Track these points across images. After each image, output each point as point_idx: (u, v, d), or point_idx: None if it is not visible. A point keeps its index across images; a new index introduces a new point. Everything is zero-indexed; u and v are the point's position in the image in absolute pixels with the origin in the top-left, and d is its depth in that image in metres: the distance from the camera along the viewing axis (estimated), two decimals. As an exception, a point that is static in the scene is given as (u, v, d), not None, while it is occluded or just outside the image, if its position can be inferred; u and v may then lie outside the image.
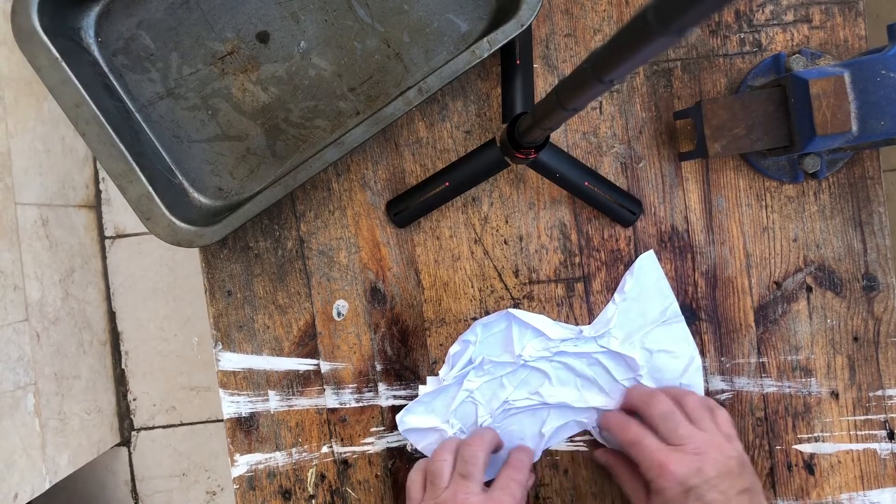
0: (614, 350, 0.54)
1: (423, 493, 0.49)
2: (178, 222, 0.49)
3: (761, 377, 0.56)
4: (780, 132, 0.49)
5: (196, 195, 0.54)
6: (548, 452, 0.56)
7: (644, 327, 0.54)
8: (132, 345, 1.34)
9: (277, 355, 0.56)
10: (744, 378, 0.56)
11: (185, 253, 1.32)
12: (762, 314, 0.56)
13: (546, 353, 0.54)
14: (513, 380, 0.54)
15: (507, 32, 0.49)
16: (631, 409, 0.53)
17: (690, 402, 0.50)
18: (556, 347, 0.54)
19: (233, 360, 0.56)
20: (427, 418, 0.55)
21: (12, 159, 1.05)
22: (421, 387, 0.55)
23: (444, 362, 0.55)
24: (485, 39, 0.49)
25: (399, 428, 0.54)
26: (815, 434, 0.56)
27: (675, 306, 0.55)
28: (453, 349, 0.54)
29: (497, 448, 0.53)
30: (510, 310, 0.54)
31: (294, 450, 0.56)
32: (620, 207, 0.54)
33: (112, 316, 1.34)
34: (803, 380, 0.56)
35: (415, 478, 0.51)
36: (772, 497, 0.56)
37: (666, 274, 0.56)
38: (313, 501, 0.56)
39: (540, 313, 0.55)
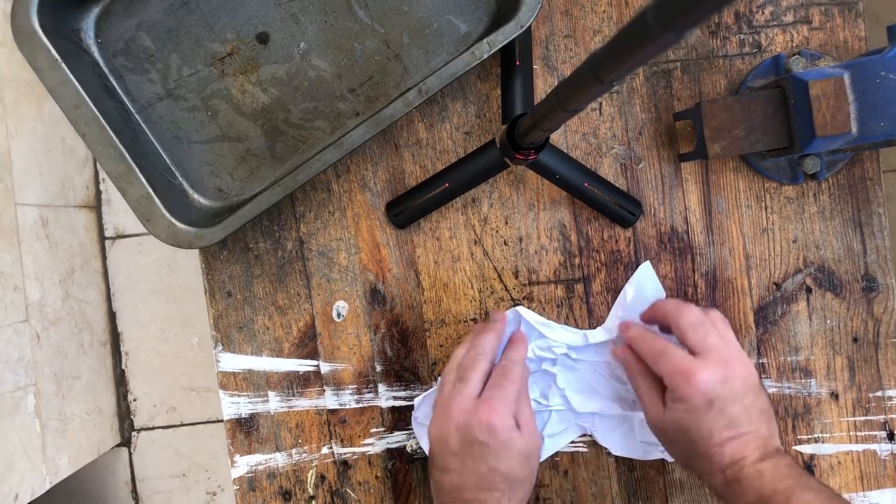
0: (613, 360, 0.54)
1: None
2: (177, 223, 0.49)
3: (761, 378, 0.56)
4: (779, 133, 0.49)
5: (196, 196, 0.54)
6: (548, 453, 0.56)
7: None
8: (132, 345, 1.34)
9: (277, 356, 0.56)
10: (744, 379, 0.56)
11: (185, 254, 1.32)
12: (762, 315, 0.56)
13: (550, 355, 0.54)
14: None
15: (507, 34, 0.49)
16: (649, 322, 0.52)
17: (716, 315, 0.49)
18: (561, 349, 0.54)
19: (233, 361, 0.56)
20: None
21: (12, 160, 1.05)
22: (434, 384, 0.55)
23: (443, 364, 0.55)
24: (484, 41, 0.49)
25: (413, 413, 0.54)
26: (815, 435, 0.56)
27: None
28: None
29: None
30: (519, 308, 0.54)
31: (294, 451, 0.56)
32: (620, 208, 0.54)
33: (112, 316, 1.34)
34: (803, 381, 0.56)
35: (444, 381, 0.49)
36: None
37: (665, 275, 0.56)
38: (313, 502, 0.56)
39: (540, 314, 0.55)
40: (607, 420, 0.55)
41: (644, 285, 0.55)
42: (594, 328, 0.56)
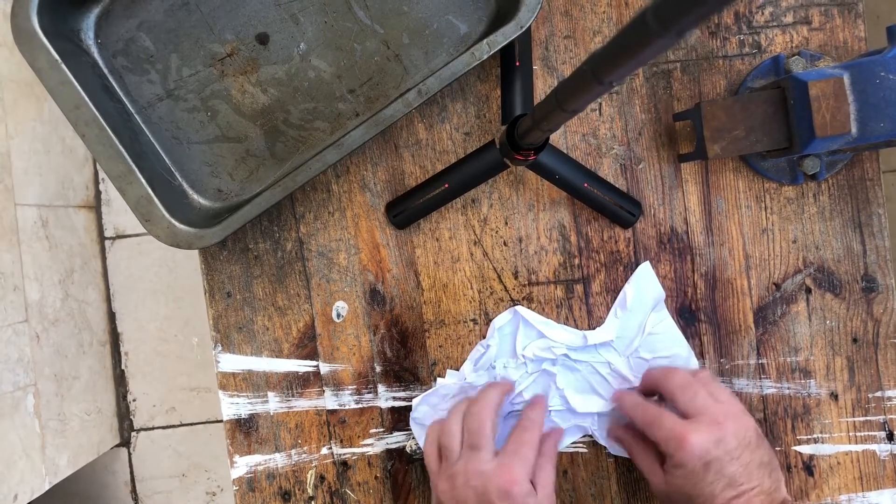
0: (614, 360, 0.54)
1: (440, 465, 0.49)
2: (177, 224, 0.49)
3: (760, 378, 0.56)
4: (779, 134, 0.49)
5: (196, 197, 0.54)
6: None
7: (639, 336, 0.54)
8: (132, 346, 1.34)
9: (277, 357, 0.56)
10: (743, 379, 0.56)
11: (185, 254, 1.32)
12: (761, 315, 0.56)
13: (550, 355, 0.54)
14: (524, 381, 0.54)
15: (507, 34, 0.49)
16: (646, 392, 0.52)
17: (704, 375, 0.49)
18: (560, 350, 0.54)
19: (232, 362, 0.56)
20: (436, 416, 0.55)
21: (12, 160, 1.05)
22: (439, 379, 0.55)
23: (445, 365, 0.56)
24: (484, 41, 0.49)
25: (411, 414, 0.54)
26: (815, 435, 0.56)
27: (667, 313, 0.55)
28: (475, 353, 0.54)
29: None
30: (518, 308, 0.54)
31: (293, 451, 0.56)
32: (620, 209, 0.54)
33: (112, 317, 1.34)
34: (802, 381, 0.56)
35: (430, 451, 0.50)
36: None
37: (665, 275, 0.56)
38: (313, 503, 0.56)
39: (539, 315, 0.55)
40: (606, 419, 0.55)
41: (643, 286, 0.55)
42: (594, 329, 0.56)
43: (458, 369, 0.56)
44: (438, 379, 0.55)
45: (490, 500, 0.45)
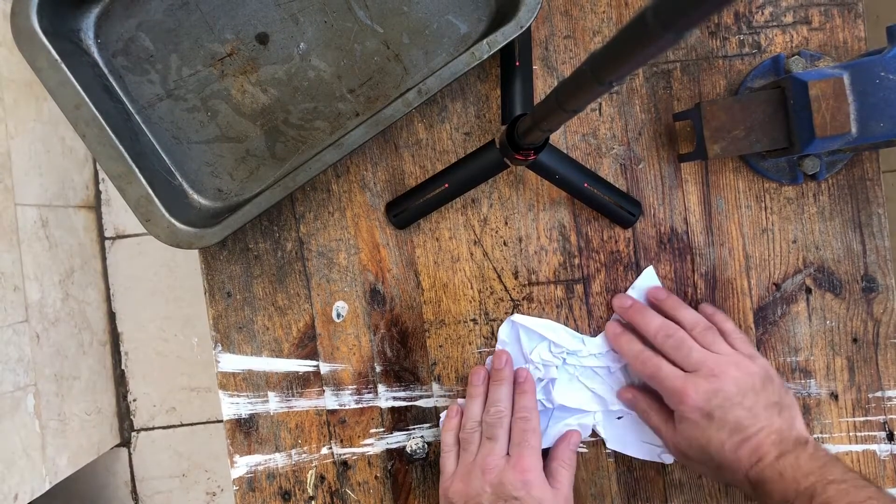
0: (613, 365, 0.54)
1: (457, 463, 0.51)
2: (177, 224, 0.49)
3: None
4: (779, 134, 0.49)
5: (196, 196, 0.54)
6: (547, 454, 0.56)
7: None
8: (132, 345, 1.34)
9: (277, 357, 0.56)
10: (743, 379, 0.56)
11: (185, 254, 1.32)
12: (762, 315, 0.56)
13: (554, 360, 0.54)
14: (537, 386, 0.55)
15: (507, 34, 0.49)
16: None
17: (697, 327, 0.50)
18: (563, 354, 0.54)
19: (232, 362, 0.56)
20: None
21: (12, 160, 1.05)
22: (459, 401, 0.55)
23: (445, 365, 0.56)
24: (484, 41, 0.49)
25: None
26: (815, 435, 0.56)
27: None
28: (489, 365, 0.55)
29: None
30: (514, 317, 0.54)
31: (294, 451, 0.56)
32: (620, 209, 0.54)
33: (112, 317, 1.34)
34: (803, 381, 0.56)
35: (448, 444, 0.52)
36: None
37: (665, 276, 0.56)
38: (313, 503, 0.56)
39: (540, 315, 0.55)
40: (608, 415, 0.55)
41: (647, 291, 0.55)
42: (594, 329, 0.56)
43: (466, 387, 0.56)
44: (459, 400, 0.55)
45: (507, 492, 0.46)
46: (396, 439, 0.56)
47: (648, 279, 0.55)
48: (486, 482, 0.47)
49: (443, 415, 0.54)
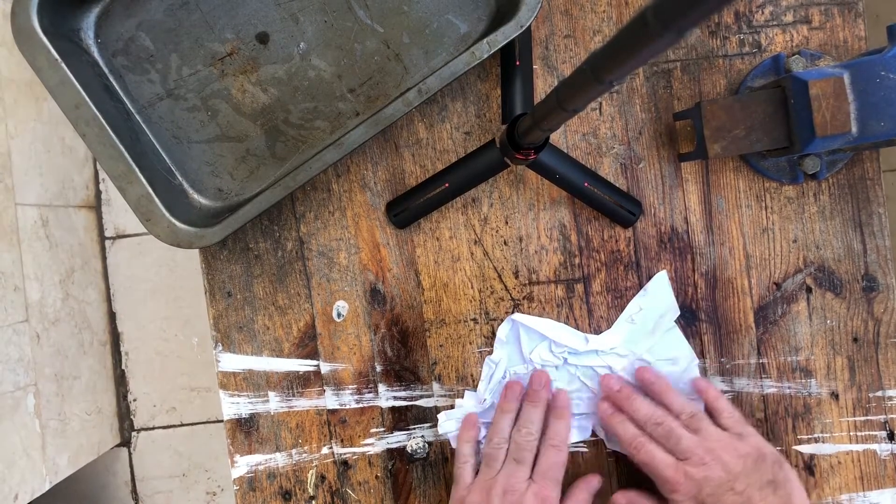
0: (615, 365, 0.54)
1: (475, 476, 0.51)
2: (177, 223, 0.49)
3: (761, 378, 0.56)
4: (779, 133, 0.49)
5: (196, 196, 0.54)
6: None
7: (645, 343, 0.54)
8: (132, 345, 1.34)
9: (277, 356, 0.56)
10: (744, 379, 0.56)
11: (185, 253, 1.32)
12: (762, 315, 0.56)
13: (555, 360, 0.54)
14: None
15: (507, 33, 0.49)
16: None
17: (683, 413, 0.50)
18: (563, 353, 0.54)
19: (233, 361, 0.56)
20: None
21: (12, 160, 1.05)
22: (458, 401, 0.55)
23: (445, 364, 0.56)
24: (484, 40, 0.49)
25: (439, 429, 0.55)
26: (815, 435, 0.56)
27: (674, 325, 0.55)
28: (486, 370, 0.55)
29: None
30: (514, 316, 0.54)
31: (294, 451, 0.56)
32: (620, 208, 0.54)
33: (112, 317, 1.34)
34: (803, 381, 0.56)
35: (464, 454, 0.52)
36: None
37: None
38: (313, 502, 0.56)
39: (540, 314, 0.55)
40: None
41: (658, 298, 0.54)
42: (594, 329, 0.56)
43: (466, 386, 0.56)
44: (457, 400, 0.55)
45: None
46: (397, 439, 0.56)
47: (660, 285, 0.55)
48: (505, 502, 0.47)
49: (441, 415, 0.54)
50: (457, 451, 0.52)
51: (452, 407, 0.56)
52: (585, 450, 0.56)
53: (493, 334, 0.56)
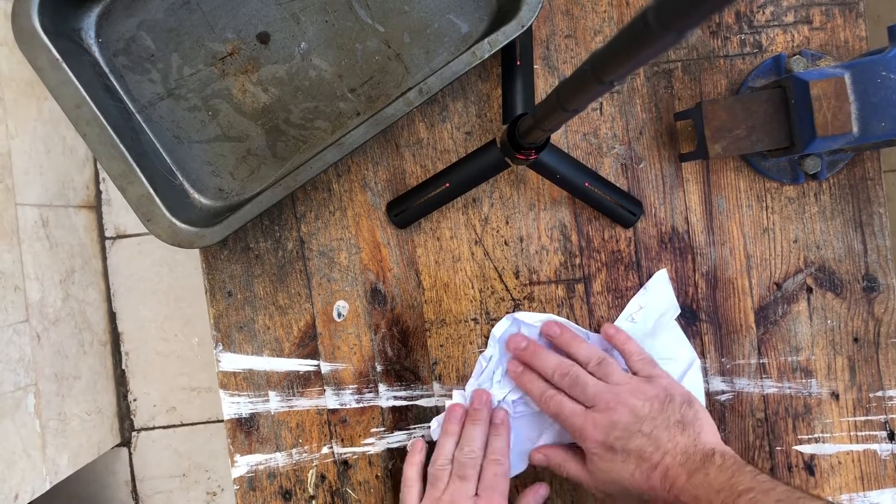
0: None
1: (421, 497, 0.51)
2: (178, 223, 0.49)
3: (762, 378, 0.56)
4: (780, 133, 0.49)
5: (196, 196, 0.54)
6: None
7: (646, 342, 0.54)
8: (132, 345, 1.34)
9: (278, 356, 0.56)
10: (744, 379, 0.56)
11: (186, 253, 1.32)
12: (762, 315, 0.56)
13: None
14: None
15: (508, 33, 0.49)
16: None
17: (591, 361, 0.50)
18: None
19: (233, 361, 0.56)
20: None
21: (13, 160, 1.05)
22: (447, 401, 0.55)
23: (445, 364, 0.56)
24: (485, 40, 0.49)
25: (432, 434, 0.54)
26: (816, 435, 0.56)
27: (675, 324, 0.55)
28: (478, 367, 0.54)
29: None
30: (515, 314, 0.54)
31: (294, 450, 0.56)
32: (621, 208, 0.54)
33: (112, 316, 1.34)
34: (804, 381, 0.56)
35: (411, 478, 0.52)
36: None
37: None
38: (314, 502, 0.56)
39: (539, 313, 0.55)
40: None
41: (658, 296, 0.54)
42: (594, 329, 0.56)
43: (464, 388, 0.56)
44: (447, 401, 0.55)
45: None
46: (397, 439, 0.56)
47: (660, 283, 0.55)
48: None
49: (433, 421, 0.54)
50: (403, 476, 0.52)
51: (453, 407, 0.56)
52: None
53: (494, 334, 0.56)
